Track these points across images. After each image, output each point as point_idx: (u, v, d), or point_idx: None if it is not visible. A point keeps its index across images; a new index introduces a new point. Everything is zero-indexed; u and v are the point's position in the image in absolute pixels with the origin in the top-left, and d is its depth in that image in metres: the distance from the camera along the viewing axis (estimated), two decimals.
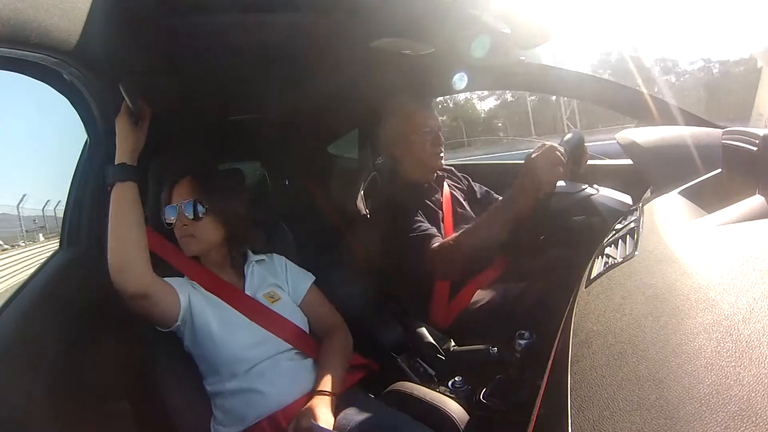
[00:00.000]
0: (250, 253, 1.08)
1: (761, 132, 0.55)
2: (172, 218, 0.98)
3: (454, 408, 0.93)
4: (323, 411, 0.85)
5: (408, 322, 1.25)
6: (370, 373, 1.06)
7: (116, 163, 0.88)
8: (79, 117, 1.01)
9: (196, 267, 1.01)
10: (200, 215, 0.97)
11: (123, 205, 0.86)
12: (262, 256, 1.10)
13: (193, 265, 1.01)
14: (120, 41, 0.80)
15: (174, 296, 0.92)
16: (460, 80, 1.48)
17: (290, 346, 0.98)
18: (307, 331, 1.04)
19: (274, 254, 1.12)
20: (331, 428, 0.83)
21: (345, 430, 0.86)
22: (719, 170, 0.74)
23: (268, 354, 0.95)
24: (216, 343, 0.92)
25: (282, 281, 1.07)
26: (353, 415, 0.88)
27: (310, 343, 1.02)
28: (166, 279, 0.95)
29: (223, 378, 0.93)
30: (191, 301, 0.94)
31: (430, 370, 1.15)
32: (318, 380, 0.93)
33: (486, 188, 1.51)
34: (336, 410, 0.90)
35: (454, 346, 1.14)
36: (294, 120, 1.88)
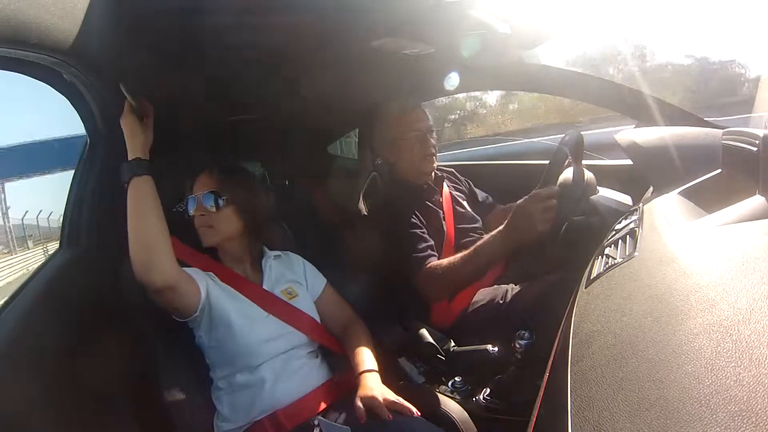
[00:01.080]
0: (266, 249, 1.09)
1: (761, 132, 0.55)
2: (192, 209, 0.99)
3: (454, 408, 0.93)
4: (379, 385, 0.90)
5: (408, 323, 1.25)
6: None
7: (129, 159, 0.88)
8: (79, 117, 1.01)
9: (212, 264, 1.01)
10: (219, 206, 0.98)
11: (142, 200, 0.86)
12: (278, 252, 1.10)
13: (209, 262, 1.01)
14: (120, 41, 0.80)
15: (195, 286, 0.93)
16: (457, 80, 1.48)
17: (305, 342, 0.99)
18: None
19: (290, 252, 1.13)
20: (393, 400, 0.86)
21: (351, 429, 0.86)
22: (719, 170, 0.74)
23: (284, 349, 0.96)
24: (234, 332, 0.93)
25: (300, 278, 1.09)
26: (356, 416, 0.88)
27: (327, 336, 1.04)
28: (184, 269, 0.95)
29: (237, 370, 0.93)
30: (209, 291, 0.95)
31: (431, 371, 1.15)
32: (361, 363, 0.96)
33: (487, 194, 1.51)
34: (340, 408, 0.90)
35: (454, 346, 1.14)
36: (294, 120, 1.88)
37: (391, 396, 0.88)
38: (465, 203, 1.40)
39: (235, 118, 1.63)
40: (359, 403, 0.86)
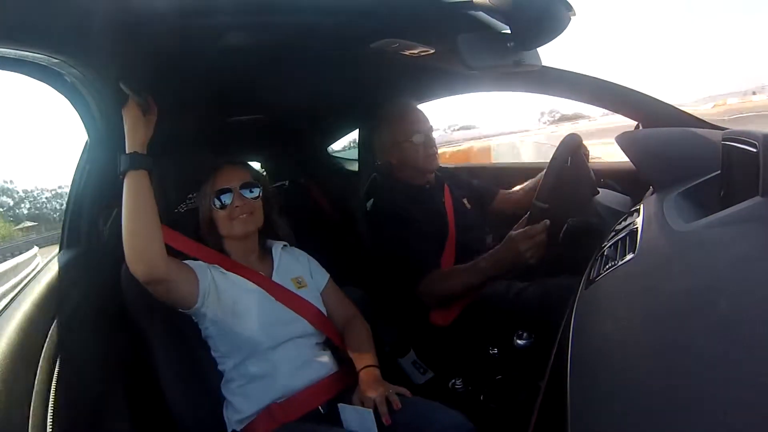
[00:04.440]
0: (271, 240, 1.11)
1: (761, 133, 0.55)
2: (228, 201, 1.01)
3: (453, 410, 0.93)
4: (377, 380, 0.92)
5: (408, 322, 1.25)
6: None
7: (127, 152, 0.88)
8: (79, 117, 1.01)
9: (219, 257, 1.02)
10: (258, 195, 1.03)
11: (136, 194, 0.86)
12: (285, 243, 1.12)
13: (215, 255, 1.02)
14: (120, 41, 0.80)
15: (192, 279, 0.93)
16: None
17: (312, 332, 1.01)
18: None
19: (294, 246, 1.15)
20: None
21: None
22: (719, 171, 0.74)
23: (291, 335, 0.97)
24: (241, 317, 0.94)
25: (306, 270, 1.10)
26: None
27: (332, 328, 1.06)
28: (186, 261, 0.96)
29: (246, 357, 0.94)
30: (216, 281, 0.96)
31: (430, 371, 1.15)
32: (360, 358, 0.98)
33: (483, 182, 1.51)
34: (348, 398, 0.92)
35: (453, 347, 1.14)
36: (294, 120, 1.88)
37: (391, 388, 0.90)
38: (466, 201, 1.40)
39: (235, 118, 1.63)
40: (365, 404, 0.87)
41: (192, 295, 0.93)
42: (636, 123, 1.30)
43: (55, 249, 1.11)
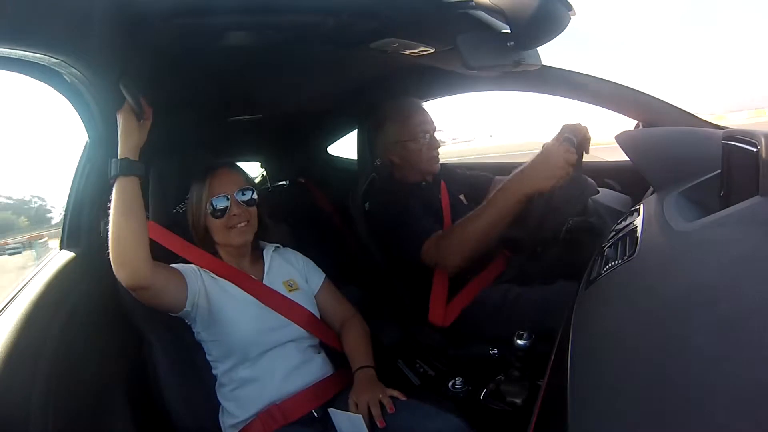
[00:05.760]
0: (263, 242, 1.10)
1: (761, 132, 0.55)
2: (224, 205, 0.98)
3: (449, 414, 0.93)
4: (372, 382, 0.94)
5: (408, 323, 1.25)
6: None
7: (119, 158, 0.87)
8: (79, 117, 1.01)
9: (210, 260, 1.01)
10: (251, 198, 1.01)
11: (124, 200, 0.86)
12: (278, 245, 1.12)
13: (207, 258, 1.01)
14: (120, 41, 0.80)
15: (181, 284, 0.93)
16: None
17: (304, 336, 1.00)
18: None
19: (287, 247, 1.14)
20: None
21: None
22: (719, 171, 0.74)
23: (282, 340, 0.97)
24: (230, 324, 0.94)
25: (300, 272, 1.10)
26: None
27: (325, 331, 1.05)
28: (176, 265, 0.96)
29: (238, 362, 0.94)
30: (206, 286, 0.96)
31: (430, 371, 1.15)
32: (356, 359, 1.00)
33: (481, 176, 1.50)
34: (343, 402, 0.92)
35: (453, 347, 1.14)
36: (294, 120, 1.88)
37: (386, 390, 0.90)
38: (463, 198, 1.40)
39: (234, 118, 1.63)
40: (359, 406, 0.87)
41: (180, 301, 0.92)
42: (636, 122, 1.30)
43: None
